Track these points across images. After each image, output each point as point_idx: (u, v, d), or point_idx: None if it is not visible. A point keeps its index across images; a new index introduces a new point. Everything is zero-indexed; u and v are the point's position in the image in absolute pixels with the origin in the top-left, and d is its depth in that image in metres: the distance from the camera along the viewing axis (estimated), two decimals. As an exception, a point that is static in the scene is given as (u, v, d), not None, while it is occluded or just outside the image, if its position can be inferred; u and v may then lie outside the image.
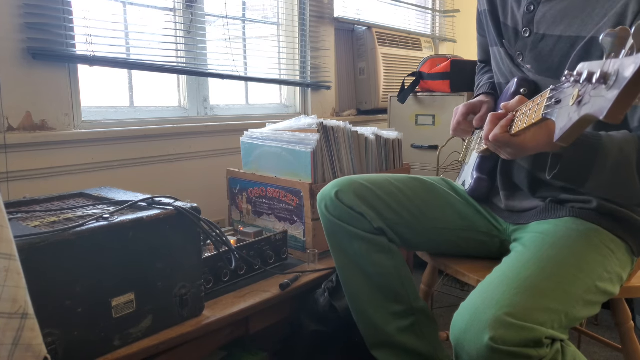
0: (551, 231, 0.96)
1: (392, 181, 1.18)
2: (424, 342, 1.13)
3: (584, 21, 0.94)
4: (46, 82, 1.45)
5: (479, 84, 1.31)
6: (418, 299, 1.16)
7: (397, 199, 1.14)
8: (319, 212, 1.19)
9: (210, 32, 1.95)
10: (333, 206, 1.14)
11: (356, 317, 1.18)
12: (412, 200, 1.15)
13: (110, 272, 0.96)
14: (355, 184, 1.14)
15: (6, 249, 0.62)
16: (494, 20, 1.14)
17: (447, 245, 1.18)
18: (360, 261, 1.14)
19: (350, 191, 1.13)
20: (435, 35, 3.21)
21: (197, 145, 1.84)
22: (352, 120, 2.45)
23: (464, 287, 2.04)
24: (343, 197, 1.13)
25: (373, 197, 1.13)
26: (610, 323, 1.78)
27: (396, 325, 1.12)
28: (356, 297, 1.16)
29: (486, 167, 1.15)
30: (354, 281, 1.15)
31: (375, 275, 1.13)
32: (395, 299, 1.13)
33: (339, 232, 1.14)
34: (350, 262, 1.15)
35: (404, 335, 1.12)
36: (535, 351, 0.76)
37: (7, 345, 0.61)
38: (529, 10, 1.03)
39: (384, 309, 1.13)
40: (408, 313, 1.13)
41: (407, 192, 1.16)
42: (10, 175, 1.38)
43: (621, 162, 0.84)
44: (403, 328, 1.12)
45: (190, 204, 1.09)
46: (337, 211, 1.13)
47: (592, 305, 0.88)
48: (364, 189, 1.14)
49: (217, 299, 1.23)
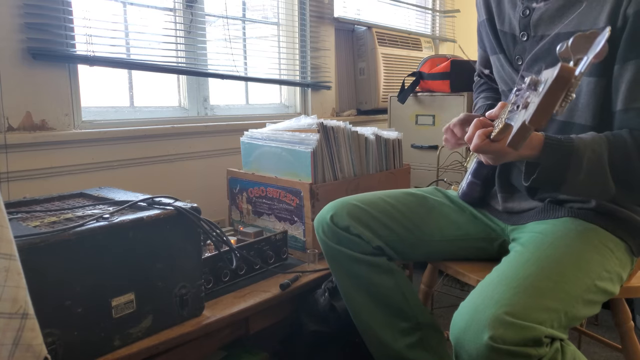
0: (550, 231, 0.96)
1: (384, 198, 1.18)
2: (432, 354, 1.13)
3: (582, 15, 0.94)
4: (46, 82, 1.45)
5: (475, 104, 1.32)
6: (423, 313, 1.16)
7: (392, 215, 1.15)
8: (317, 237, 1.20)
9: (210, 32, 1.95)
10: (330, 231, 1.15)
11: (364, 336, 1.18)
12: (407, 215, 1.16)
13: (110, 272, 0.96)
14: (349, 206, 1.16)
15: (6, 249, 0.62)
16: (491, 28, 1.14)
17: (445, 255, 1.18)
18: (362, 283, 1.15)
19: (344, 213, 1.14)
20: (435, 35, 3.21)
21: (197, 145, 1.84)
22: (352, 120, 2.45)
23: (463, 287, 2.04)
24: (338, 220, 1.14)
25: (367, 216, 1.14)
26: (610, 323, 1.78)
27: (404, 342, 1.13)
28: (362, 317, 1.16)
29: (482, 173, 1.16)
30: (359, 302, 1.16)
31: (379, 296, 1.14)
32: (401, 316, 1.14)
33: (338, 257, 1.16)
34: (353, 284, 1.16)
35: (413, 351, 1.12)
36: (534, 350, 0.76)
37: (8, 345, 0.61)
38: (525, 15, 1.03)
39: (391, 327, 1.13)
40: (415, 329, 1.13)
41: (401, 207, 1.17)
42: (10, 175, 1.38)
43: (594, 162, 0.87)
44: (411, 344, 1.12)
45: (190, 204, 1.09)
46: (335, 236, 1.15)
47: (591, 304, 0.88)
48: (358, 209, 1.15)
49: (217, 299, 1.23)
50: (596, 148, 0.87)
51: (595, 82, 0.94)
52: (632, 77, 0.90)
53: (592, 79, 0.94)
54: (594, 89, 0.94)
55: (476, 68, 1.37)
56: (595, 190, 0.90)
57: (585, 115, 0.96)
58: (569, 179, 0.86)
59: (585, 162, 0.86)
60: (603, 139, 0.89)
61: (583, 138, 0.88)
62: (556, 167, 0.86)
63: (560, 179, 0.87)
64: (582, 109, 0.97)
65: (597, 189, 0.89)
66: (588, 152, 0.86)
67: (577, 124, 0.98)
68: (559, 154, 0.85)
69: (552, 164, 0.86)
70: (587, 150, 0.86)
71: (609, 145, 0.88)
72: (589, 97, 0.95)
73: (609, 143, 0.88)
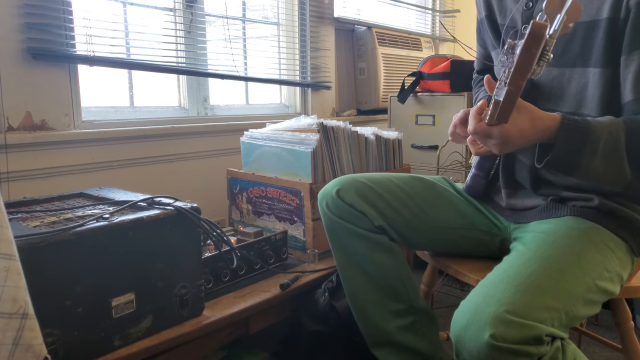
0: (552, 230, 0.96)
1: (393, 180, 1.17)
2: (424, 341, 1.13)
3: (585, 5, 0.94)
4: (46, 82, 1.45)
5: (476, 99, 1.32)
6: (419, 297, 1.15)
7: (399, 197, 1.14)
8: (320, 210, 1.18)
9: (210, 32, 1.95)
10: (334, 204, 1.13)
11: (356, 316, 1.18)
12: (414, 198, 1.15)
13: (110, 272, 0.96)
14: (357, 182, 1.14)
15: (6, 249, 0.62)
16: (492, 24, 1.14)
17: (448, 243, 1.18)
18: (360, 260, 1.13)
19: (352, 189, 1.13)
20: (435, 35, 3.21)
21: (197, 145, 1.84)
22: (352, 120, 2.45)
23: (464, 287, 2.04)
24: (344, 195, 1.13)
25: (374, 195, 1.13)
26: (610, 323, 1.78)
27: (396, 323, 1.12)
28: (356, 295, 1.16)
29: (485, 166, 1.16)
30: (354, 279, 1.15)
31: (376, 274, 1.13)
32: (395, 297, 1.13)
33: (339, 231, 1.14)
34: (351, 260, 1.15)
35: (404, 334, 1.12)
36: (535, 349, 0.76)
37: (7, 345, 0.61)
38: (528, 7, 1.03)
39: (385, 307, 1.13)
40: (408, 312, 1.13)
41: (409, 190, 1.16)
42: (10, 175, 1.38)
43: (611, 145, 0.85)
44: (403, 327, 1.12)
45: (190, 203, 1.09)
46: (338, 209, 1.13)
47: (592, 304, 0.88)
48: (365, 187, 1.14)
49: (217, 299, 1.23)
50: (613, 131, 0.85)
51: (600, 73, 0.93)
52: (638, 67, 0.89)
53: (597, 70, 0.94)
54: (599, 80, 0.94)
55: (475, 66, 1.37)
56: (610, 176, 0.88)
57: (593, 106, 0.96)
58: (584, 162, 0.84)
59: (601, 145, 0.84)
60: (620, 122, 0.87)
61: (600, 120, 0.87)
62: (571, 149, 0.84)
63: (575, 162, 0.85)
64: (590, 100, 0.96)
65: (612, 174, 0.87)
66: (605, 134, 0.84)
67: (586, 115, 0.97)
68: (575, 135, 0.83)
69: (567, 145, 0.83)
70: (604, 133, 0.84)
71: (626, 129, 0.86)
72: (595, 89, 0.95)
73: (626, 126, 0.86)
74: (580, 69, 0.96)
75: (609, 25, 0.91)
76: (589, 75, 0.95)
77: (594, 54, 0.94)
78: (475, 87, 1.37)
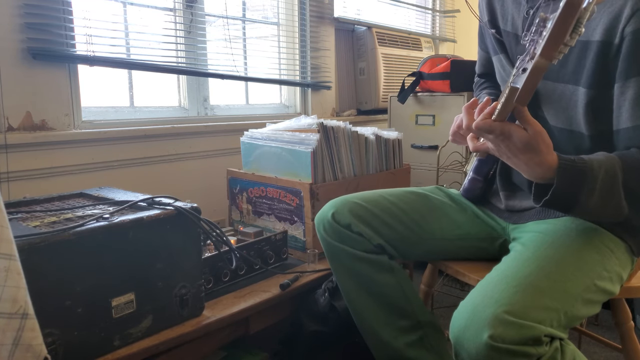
0: (550, 230, 0.96)
1: (386, 197, 1.18)
2: (432, 354, 1.13)
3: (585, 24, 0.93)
4: (46, 82, 1.45)
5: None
6: (424, 312, 1.16)
7: (393, 214, 1.15)
8: (318, 234, 1.20)
9: (210, 32, 1.95)
10: (331, 228, 1.15)
11: (364, 334, 1.18)
12: (408, 213, 1.16)
13: (110, 272, 0.96)
14: (350, 204, 1.15)
15: (6, 249, 0.62)
16: (493, 28, 1.14)
17: (446, 254, 1.18)
18: (363, 281, 1.14)
19: (346, 210, 1.14)
20: (435, 35, 3.21)
21: (197, 145, 1.84)
22: (352, 120, 2.45)
23: (463, 287, 2.04)
24: (340, 218, 1.14)
25: (368, 214, 1.14)
26: (610, 323, 1.78)
27: (404, 340, 1.12)
28: (363, 315, 1.16)
29: (483, 170, 1.16)
30: (359, 300, 1.16)
31: (380, 294, 1.14)
32: (401, 314, 1.13)
33: (339, 255, 1.16)
34: (354, 282, 1.16)
35: (413, 350, 1.12)
36: (534, 349, 0.76)
37: (7, 346, 0.61)
38: (529, 14, 1.03)
39: (392, 325, 1.13)
40: (416, 327, 1.13)
41: (402, 205, 1.17)
42: (10, 175, 1.38)
43: (608, 183, 0.84)
44: (412, 343, 1.12)
45: (190, 204, 1.09)
46: (336, 233, 1.15)
47: (591, 304, 0.88)
48: (359, 207, 1.15)
49: (217, 299, 1.23)
50: (609, 168, 0.85)
51: (585, 93, 0.93)
52: (635, 94, 0.88)
53: (582, 90, 0.94)
54: (583, 99, 0.94)
55: (476, 70, 1.37)
56: (608, 211, 0.88)
57: (582, 123, 0.96)
58: (582, 200, 0.84)
59: (599, 183, 0.83)
60: (615, 158, 0.86)
61: (596, 158, 0.86)
62: (569, 188, 0.83)
63: (573, 201, 0.84)
64: (579, 118, 0.97)
65: (610, 210, 0.87)
66: (602, 172, 0.84)
67: (577, 132, 0.98)
68: (573, 174, 0.83)
69: (565, 185, 0.83)
70: (601, 171, 0.84)
71: (623, 165, 0.86)
72: (581, 107, 0.95)
73: (622, 162, 0.86)
74: (572, 86, 0.96)
75: (600, 48, 0.90)
76: (578, 94, 0.95)
77: (584, 73, 0.93)
78: (477, 91, 1.37)
